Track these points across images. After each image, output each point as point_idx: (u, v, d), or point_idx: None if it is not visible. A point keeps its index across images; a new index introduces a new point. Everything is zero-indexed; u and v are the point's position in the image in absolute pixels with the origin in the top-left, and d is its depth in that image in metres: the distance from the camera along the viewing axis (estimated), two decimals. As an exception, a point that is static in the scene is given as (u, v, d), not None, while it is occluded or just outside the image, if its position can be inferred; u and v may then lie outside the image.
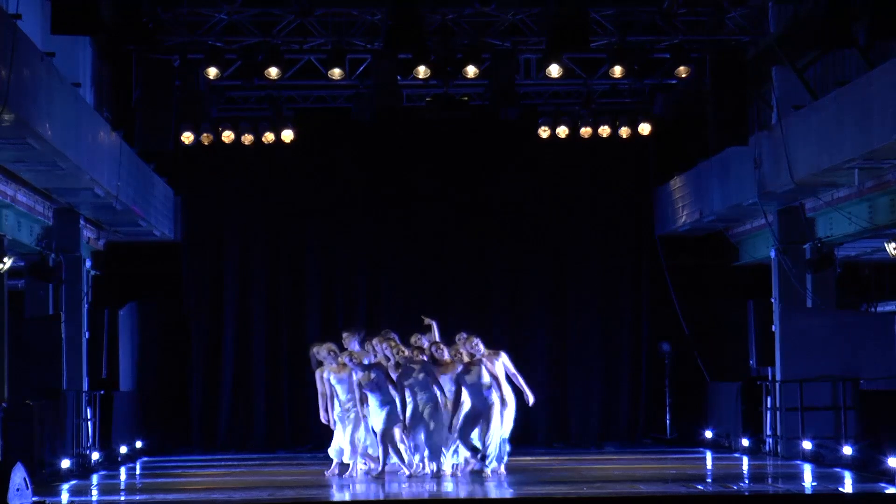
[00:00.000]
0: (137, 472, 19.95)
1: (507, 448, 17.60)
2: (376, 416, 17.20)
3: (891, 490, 15.13)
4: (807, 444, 19.94)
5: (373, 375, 17.15)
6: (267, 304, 25.10)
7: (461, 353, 17.25)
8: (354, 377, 17.32)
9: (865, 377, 20.21)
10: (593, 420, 25.22)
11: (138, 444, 22.63)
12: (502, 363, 17.35)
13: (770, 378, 21.94)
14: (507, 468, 17.58)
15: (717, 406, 23.80)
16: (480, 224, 25.33)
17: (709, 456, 21.74)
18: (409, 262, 25.18)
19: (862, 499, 14.91)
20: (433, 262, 25.21)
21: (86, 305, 21.17)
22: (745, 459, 20.74)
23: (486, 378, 17.08)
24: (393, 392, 17.15)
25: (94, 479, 18.38)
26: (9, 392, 17.52)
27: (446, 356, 17.23)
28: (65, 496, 15.75)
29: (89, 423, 20.46)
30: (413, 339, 17.77)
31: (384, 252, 25.26)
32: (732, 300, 24.12)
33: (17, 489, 13.25)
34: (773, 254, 21.72)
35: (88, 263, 21.63)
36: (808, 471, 18.20)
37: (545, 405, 25.07)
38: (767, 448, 21.38)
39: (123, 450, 21.56)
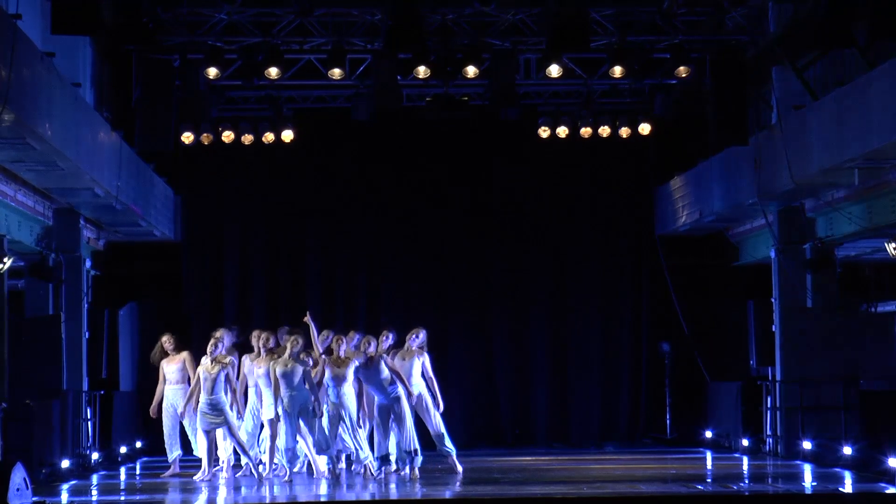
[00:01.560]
0: (137, 472, 19.94)
1: (448, 441, 17.51)
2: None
3: (891, 490, 15.14)
4: (807, 444, 19.94)
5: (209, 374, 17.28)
6: (267, 305, 25.04)
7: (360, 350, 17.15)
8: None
9: (865, 377, 20.20)
10: (593, 420, 25.16)
11: (138, 444, 22.61)
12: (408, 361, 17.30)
13: (770, 378, 21.94)
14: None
15: (717, 406, 23.79)
16: (480, 224, 25.30)
17: (709, 456, 21.74)
18: (409, 262, 25.14)
19: (862, 499, 14.91)
20: (433, 262, 25.17)
21: (86, 305, 21.14)
22: (745, 459, 20.74)
23: (386, 373, 17.01)
24: (225, 397, 17.19)
25: (94, 479, 18.39)
26: (9, 392, 17.49)
27: (342, 353, 17.19)
28: (65, 496, 15.76)
29: (89, 423, 20.44)
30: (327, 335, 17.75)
31: (384, 252, 25.22)
32: (732, 300, 24.12)
33: (17, 489, 13.25)
34: (773, 254, 21.71)
35: (88, 263, 21.60)
36: (808, 471, 18.21)
37: (545, 405, 25.07)
38: (767, 448, 21.37)
39: (123, 450, 21.55)
